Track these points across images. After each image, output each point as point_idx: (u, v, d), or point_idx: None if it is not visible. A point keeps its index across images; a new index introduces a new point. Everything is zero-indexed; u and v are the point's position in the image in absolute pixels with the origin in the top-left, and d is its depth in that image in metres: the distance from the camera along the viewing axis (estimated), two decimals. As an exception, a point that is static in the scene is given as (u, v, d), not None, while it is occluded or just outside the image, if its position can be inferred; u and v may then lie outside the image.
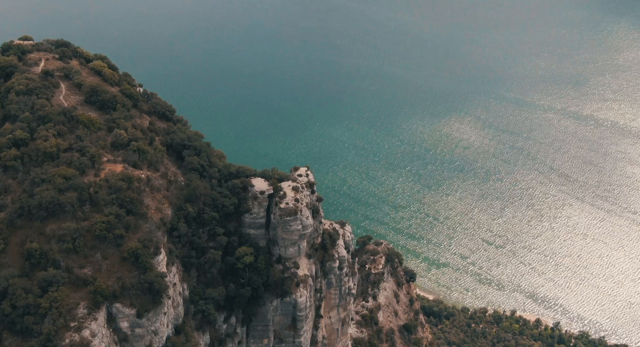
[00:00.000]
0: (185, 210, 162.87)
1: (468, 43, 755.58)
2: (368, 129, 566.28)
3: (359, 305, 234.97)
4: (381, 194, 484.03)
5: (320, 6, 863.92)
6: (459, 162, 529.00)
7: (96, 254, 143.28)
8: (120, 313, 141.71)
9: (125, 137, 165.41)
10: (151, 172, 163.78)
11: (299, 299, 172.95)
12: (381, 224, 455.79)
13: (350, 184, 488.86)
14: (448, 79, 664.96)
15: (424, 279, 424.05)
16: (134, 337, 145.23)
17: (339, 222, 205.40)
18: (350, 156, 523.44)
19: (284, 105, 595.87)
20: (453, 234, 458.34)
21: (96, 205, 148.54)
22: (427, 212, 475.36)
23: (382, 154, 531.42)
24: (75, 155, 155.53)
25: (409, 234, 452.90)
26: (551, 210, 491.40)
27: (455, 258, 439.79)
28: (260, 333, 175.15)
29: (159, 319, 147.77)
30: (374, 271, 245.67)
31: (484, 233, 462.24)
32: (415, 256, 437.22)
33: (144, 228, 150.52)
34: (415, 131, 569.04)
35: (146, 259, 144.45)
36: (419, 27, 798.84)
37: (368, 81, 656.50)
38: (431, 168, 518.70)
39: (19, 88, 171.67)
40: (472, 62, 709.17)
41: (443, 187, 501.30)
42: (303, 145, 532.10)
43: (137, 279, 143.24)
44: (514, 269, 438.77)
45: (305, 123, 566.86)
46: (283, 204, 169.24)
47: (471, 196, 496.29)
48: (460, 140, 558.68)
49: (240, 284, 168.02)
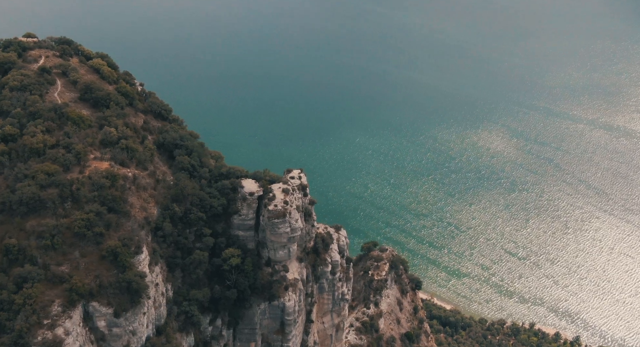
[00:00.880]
0: (172, 210, 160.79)
1: (500, 51, 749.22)
2: (393, 136, 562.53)
3: (360, 311, 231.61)
4: (403, 201, 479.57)
5: (350, 12, 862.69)
6: (485, 171, 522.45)
7: (74, 252, 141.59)
8: (97, 312, 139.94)
9: (115, 135, 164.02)
10: (139, 170, 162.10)
11: (287, 303, 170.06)
12: (402, 231, 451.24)
13: (372, 191, 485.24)
14: (477, 87, 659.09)
15: (443, 289, 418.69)
16: (112, 337, 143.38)
17: (334, 226, 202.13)
18: (374, 163, 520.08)
19: (309, 110, 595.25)
20: (475, 244, 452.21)
21: (78, 202, 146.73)
22: (449, 221, 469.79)
23: (406, 162, 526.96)
24: (61, 151, 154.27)
25: (430, 242, 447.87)
26: (577, 222, 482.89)
27: (476, 269, 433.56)
28: (247, 336, 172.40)
29: (138, 319, 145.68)
30: (377, 278, 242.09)
31: (507, 244, 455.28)
32: (435, 265, 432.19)
33: (126, 227, 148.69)
34: (441, 139, 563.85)
35: (125, 258, 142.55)
36: (449, 34, 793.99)
37: (395, 88, 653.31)
38: (455, 177, 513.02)
39: (13, 84, 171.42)
40: (503, 71, 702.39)
41: (467, 196, 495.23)
42: (327, 150, 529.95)
43: (116, 278, 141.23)
44: (536, 281, 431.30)
45: (329, 128, 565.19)
46: (272, 206, 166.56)
47: (495, 206, 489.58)
48: (486, 149, 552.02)
49: (226, 286, 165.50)
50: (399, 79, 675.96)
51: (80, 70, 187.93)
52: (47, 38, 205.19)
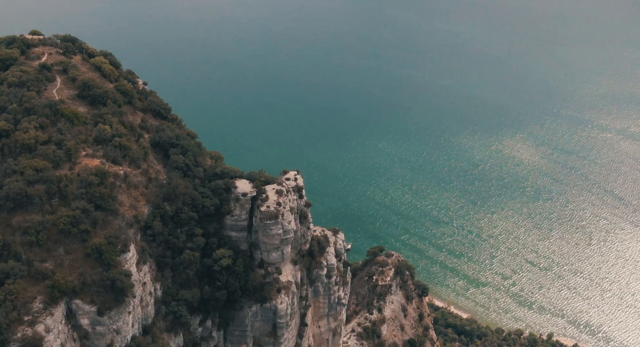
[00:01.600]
0: (163, 209, 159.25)
1: (529, 58, 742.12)
2: (416, 142, 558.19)
3: (362, 317, 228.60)
4: (424, 208, 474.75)
5: (377, 17, 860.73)
6: (508, 180, 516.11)
7: (59, 249, 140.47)
8: (80, 310, 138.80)
9: (109, 133, 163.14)
10: (132, 168, 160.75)
11: (279, 305, 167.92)
12: (421, 239, 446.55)
13: (392, 197, 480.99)
14: (504, 93, 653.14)
15: (461, 298, 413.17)
16: (95, 335, 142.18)
17: (332, 230, 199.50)
18: (396, 168, 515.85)
19: (332, 114, 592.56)
20: (496, 253, 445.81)
21: (65, 199, 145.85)
22: (470, 229, 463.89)
23: (428, 168, 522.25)
24: (52, 148, 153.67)
25: (450, 250, 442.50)
26: (602, 233, 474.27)
27: (495, 278, 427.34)
28: (238, 338, 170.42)
29: (122, 317, 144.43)
30: (381, 283, 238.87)
31: (528, 254, 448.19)
32: (454, 273, 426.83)
33: (113, 224, 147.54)
34: (465, 146, 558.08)
35: (110, 256, 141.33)
36: (477, 40, 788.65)
37: (420, 93, 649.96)
38: (478, 184, 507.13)
39: (11, 80, 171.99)
40: (531, 78, 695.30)
41: (489, 204, 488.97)
42: (348, 155, 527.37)
43: (100, 276, 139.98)
44: (557, 292, 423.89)
45: (352, 133, 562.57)
46: (264, 207, 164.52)
47: (518, 215, 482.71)
48: (510, 157, 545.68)
49: (216, 287, 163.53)
50: (424, 85, 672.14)
51: (82, 68, 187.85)
52: (53, 36, 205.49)
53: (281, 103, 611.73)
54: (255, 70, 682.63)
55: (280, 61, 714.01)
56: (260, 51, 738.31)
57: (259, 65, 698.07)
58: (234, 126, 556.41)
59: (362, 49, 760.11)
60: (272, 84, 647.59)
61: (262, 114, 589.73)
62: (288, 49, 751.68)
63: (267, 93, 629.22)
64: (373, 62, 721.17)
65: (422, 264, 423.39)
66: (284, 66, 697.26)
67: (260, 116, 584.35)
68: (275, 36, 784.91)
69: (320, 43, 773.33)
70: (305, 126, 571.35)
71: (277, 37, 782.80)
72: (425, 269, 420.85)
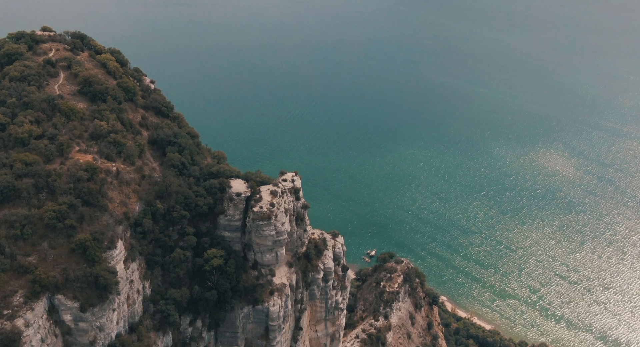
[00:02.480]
0: (154, 206, 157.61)
1: (568, 68, 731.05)
2: (446, 149, 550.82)
3: (368, 323, 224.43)
4: (452, 217, 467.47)
5: (412, 22, 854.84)
6: (540, 190, 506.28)
7: (43, 243, 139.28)
8: (63, 305, 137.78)
9: (105, 129, 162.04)
10: (125, 165, 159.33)
11: (271, 307, 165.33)
12: (448, 248, 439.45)
13: (419, 204, 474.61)
14: (541, 103, 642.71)
15: (486, 309, 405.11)
16: (78, 332, 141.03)
17: (331, 233, 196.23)
18: (424, 176, 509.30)
19: (361, 118, 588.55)
20: (524, 265, 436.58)
21: (53, 193, 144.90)
22: (499, 239, 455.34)
23: (458, 176, 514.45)
24: (45, 142, 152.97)
25: (477, 260, 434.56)
26: (635, 248, 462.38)
27: (523, 290, 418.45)
28: (229, 340, 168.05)
29: (106, 315, 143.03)
30: (389, 289, 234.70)
31: (558, 267, 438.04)
32: (480, 284, 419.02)
33: (101, 221, 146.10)
34: (497, 155, 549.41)
35: (95, 252, 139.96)
36: (517, 48, 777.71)
37: (454, 100, 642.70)
38: (509, 194, 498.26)
39: (13, 74, 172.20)
40: (570, 88, 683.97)
41: (520, 215, 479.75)
42: (376, 160, 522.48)
43: (83, 272, 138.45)
44: (586, 307, 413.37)
45: (381, 138, 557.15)
46: (257, 208, 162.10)
47: (549, 227, 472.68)
48: (544, 168, 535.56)
49: (206, 287, 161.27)
50: (460, 92, 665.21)
51: (88, 64, 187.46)
52: (64, 32, 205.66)
53: (312, 107, 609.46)
54: (288, 74, 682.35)
55: (313, 65, 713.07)
56: (294, 56, 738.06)
57: (291, 69, 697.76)
58: (264, 130, 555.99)
59: (398, 55, 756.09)
60: (303, 88, 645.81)
61: (292, 118, 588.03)
62: (322, 53, 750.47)
63: (298, 97, 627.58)
64: (408, 68, 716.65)
65: (447, 273, 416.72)
66: (316, 70, 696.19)
67: (290, 120, 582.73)
68: (310, 41, 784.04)
69: (354, 48, 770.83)
70: (335, 131, 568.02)
71: (311, 42, 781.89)
72: (451, 279, 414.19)
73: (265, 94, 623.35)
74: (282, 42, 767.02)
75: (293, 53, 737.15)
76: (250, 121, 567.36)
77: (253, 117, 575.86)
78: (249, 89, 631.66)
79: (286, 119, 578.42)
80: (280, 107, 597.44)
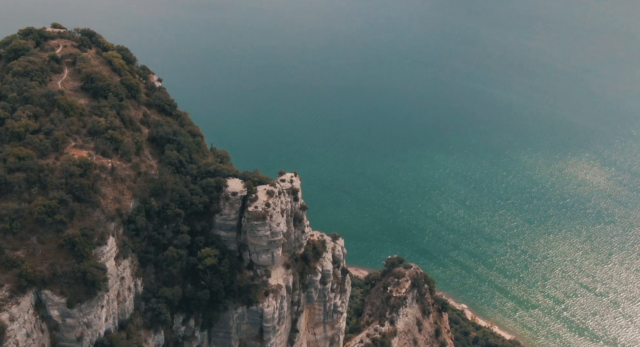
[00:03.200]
0: (149, 204, 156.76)
1: (603, 76, 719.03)
2: (473, 156, 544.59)
3: (373, 328, 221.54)
4: (476, 224, 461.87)
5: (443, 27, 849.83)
6: (569, 200, 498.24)
7: (32, 238, 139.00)
8: (50, 300, 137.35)
9: (103, 125, 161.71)
10: (122, 162, 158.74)
11: (265, 308, 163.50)
12: (471, 256, 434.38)
13: (444, 211, 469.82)
14: (573, 111, 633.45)
15: (508, 319, 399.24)
16: (65, 327, 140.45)
17: (331, 235, 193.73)
18: (450, 182, 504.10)
19: (388, 123, 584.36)
20: (549, 275, 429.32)
21: (45, 188, 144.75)
22: (524, 249, 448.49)
23: (485, 183, 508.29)
24: (40, 137, 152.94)
25: (500, 269, 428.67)
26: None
27: (547, 301, 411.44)
28: (222, 340, 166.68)
29: (94, 311, 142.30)
30: (396, 295, 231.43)
31: (584, 278, 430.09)
32: (502, 293, 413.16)
33: (92, 217, 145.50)
34: (525, 163, 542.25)
35: (83, 248, 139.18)
36: (550, 55, 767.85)
37: (484, 107, 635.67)
38: (536, 203, 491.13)
39: (16, 69, 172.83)
40: (604, 97, 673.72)
41: (546, 225, 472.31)
42: (402, 165, 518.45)
43: (71, 268, 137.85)
44: (612, 320, 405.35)
45: (408, 144, 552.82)
46: (252, 208, 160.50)
47: (576, 237, 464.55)
48: (573, 177, 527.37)
49: (199, 286, 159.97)
50: (489, 98, 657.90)
51: (94, 61, 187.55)
52: (74, 29, 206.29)
53: (339, 111, 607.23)
54: (317, 77, 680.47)
55: (343, 69, 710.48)
56: (324, 59, 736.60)
57: (320, 73, 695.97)
58: (290, 133, 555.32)
59: (428, 60, 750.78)
60: (331, 92, 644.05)
61: (319, 122, 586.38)
62: (352, 58, 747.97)
63: (326, 101, 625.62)
64: (438, 73, 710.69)
65: (470, 281, 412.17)
66: (345, 74, 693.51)
67: (317, 124, 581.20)
68: (340, 45, 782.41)
69: (385, 52, 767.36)
70: (361, 135, 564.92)
71: (342, 47, 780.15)
72: (472, 287, 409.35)
73: (293, 97, 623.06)
74: (312, 46, 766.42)
75: (323, 57, 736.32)
76: (277, 124, 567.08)
77: (280, 121, 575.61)
78: (276, 92, 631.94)
79: (313, 123, 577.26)
80: (308, 111, 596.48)
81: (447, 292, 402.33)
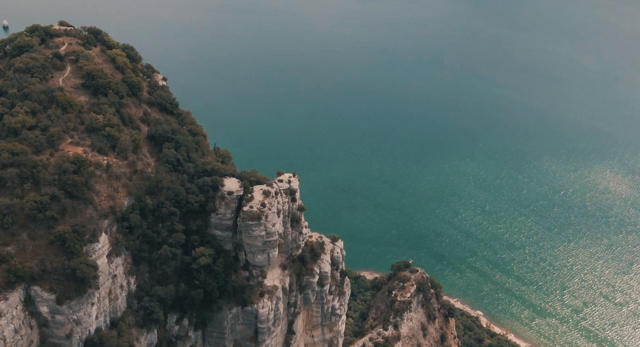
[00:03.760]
0: (143, 202, 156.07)
1: (631, 84, 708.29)
2: (494, 162, 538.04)
3: (376, 332, 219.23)
4: (495, 231, 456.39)
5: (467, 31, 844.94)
6: (591, 208, 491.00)
7: (23, 233, 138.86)
8: (39, 297, 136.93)
9: (101, 122, 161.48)
10: (118, 159, 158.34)
11: (260, 309, 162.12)
12: (488, 262, 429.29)
13: (462, 217, 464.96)
14: (597, 118, 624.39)
15: (524, 328, 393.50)
16: (54, 324, 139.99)
17: (331, 237, 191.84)
18: (469, 188, 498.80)
19: (407, 127, 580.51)
20: (568, 284, 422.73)
21: (37, 184, 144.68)
22: (542, 256, 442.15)
23: (505, 190, 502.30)
24: (36, 133, 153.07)
25: (518, 277, 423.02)
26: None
27: (565, 310, 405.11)
28: (216, 340, 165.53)
29: (84, 308, 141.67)
30: (400, 299, 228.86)
31: (604, 287, 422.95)
32: (520, 301, 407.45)
33: (84, 214, 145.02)
34: (547, 169, 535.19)
35: (74, 245, 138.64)
36: (573, 60, 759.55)
37: (508, 113, 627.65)
38: (557, 210, 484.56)
39: (18, 66, 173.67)
40: (629, 104, 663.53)
41: (567, 232, 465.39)
42: (420, 170, 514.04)
43: (61, 264, 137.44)
44: (632, 330, 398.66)
45: (428, 148, 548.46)
46: (247, 207, 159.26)
47: (597, 246, 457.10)
48: (596, 185, 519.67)
49: (193, 286, 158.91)
50: (512, 104, 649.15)
51: (98, 59, 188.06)
52: (81, 27, 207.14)
53: (359, 115, 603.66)
54: (335, 79, 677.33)
55: (360, 71, 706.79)
56: (343, 61, 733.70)
57: (338, 74, 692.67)
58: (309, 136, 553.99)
59: (450, 63, 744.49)
60: (351, 96, 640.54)
61: (339, 125, 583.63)
62: (370, 59, 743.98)
63: (346, 105, 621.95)
64: (460, 77, 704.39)
65: (487, 288, 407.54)
66: (363, 76, 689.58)
67: (336, 127, 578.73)
68: (363, 49, 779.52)
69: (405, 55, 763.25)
70: (379, 138, 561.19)
71: (365, 51, 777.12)
72: (489, 294, 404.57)
73: (313, 99, 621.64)
74: (333, 49, 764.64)
75: (345, 60, 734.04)
76: (296, 127, 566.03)
77: (299, 123, 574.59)
78: (297, 94, 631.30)
79: (332, 126, 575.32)
80: (327, 114, 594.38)
81: (463, 298, 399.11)
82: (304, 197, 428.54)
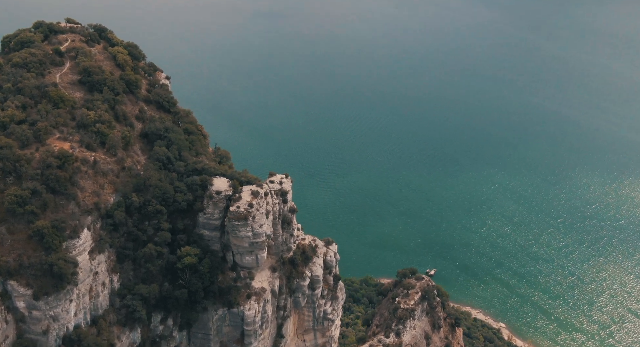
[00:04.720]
0: (130, 199, 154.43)
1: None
2: (525, 172, 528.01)
3: (377, 339, 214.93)
4: (523, 243, 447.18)
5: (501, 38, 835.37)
6: (624, 221, 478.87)
7: (1, 227, 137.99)
8: (15, 291, 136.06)
9: (92, 118, 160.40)
10: (106, 156, 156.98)
11: (247, 311, 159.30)
12: (515, 274, 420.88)
13: (490, 227, 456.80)
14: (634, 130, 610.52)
15: (549, 342, 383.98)
16: (31, 320, 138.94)
17: (325, 240, 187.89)
18: (498, 198, 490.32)
19: (438, 135, 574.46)
20: (596, 299, 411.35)
21: (20, 178, 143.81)
22: (571, 270, 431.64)
23: (535, 201, 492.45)
24: (24, 127, 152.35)
25: (545, 290, 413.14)
26: None
27: (592, 326, 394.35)
28: (201, 341, 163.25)
29: (61, 305, 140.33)
30: (404, 306, 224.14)
31: (633, 303, 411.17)
32: (545, 315, 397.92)
33: (66, 209, 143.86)
34: (580, 181, 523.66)
35: (52, 240, 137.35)
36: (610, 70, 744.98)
37: (540, 122, 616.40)
38: (589, 223, 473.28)
39: (16, 60, 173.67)
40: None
41: (597, 246, 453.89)
42: (449, 179, 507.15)
43: (39, 260, 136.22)
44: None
45: (457, 157, 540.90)
46: (234, 207, 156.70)
47: (629, 260, 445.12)
48: (630, 198, 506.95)
49: (177, 285, 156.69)
50: (546, 113, 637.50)
51: (99, 56, 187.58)
52: (87, 25, 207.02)
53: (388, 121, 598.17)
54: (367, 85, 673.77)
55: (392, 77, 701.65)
56: (375, 68, 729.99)
57: (368, 80, 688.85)
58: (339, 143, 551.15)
59: (485, 72, 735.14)
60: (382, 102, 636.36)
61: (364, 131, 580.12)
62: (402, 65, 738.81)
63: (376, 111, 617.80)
64: (494, 85, 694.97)
65: (511, 301, 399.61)
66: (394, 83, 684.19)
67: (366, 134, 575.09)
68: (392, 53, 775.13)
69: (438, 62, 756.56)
70: (408, 146, 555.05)
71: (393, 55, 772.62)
72: (514, 307, 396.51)
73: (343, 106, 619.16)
74: (368, 55, 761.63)
75: (378, 66, 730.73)
76: (325, 132, 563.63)
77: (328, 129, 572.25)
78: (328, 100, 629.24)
79: (362, 133, 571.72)
80: (357, 121, 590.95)
81: (485, 310, 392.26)
82: (330, 203, 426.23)
